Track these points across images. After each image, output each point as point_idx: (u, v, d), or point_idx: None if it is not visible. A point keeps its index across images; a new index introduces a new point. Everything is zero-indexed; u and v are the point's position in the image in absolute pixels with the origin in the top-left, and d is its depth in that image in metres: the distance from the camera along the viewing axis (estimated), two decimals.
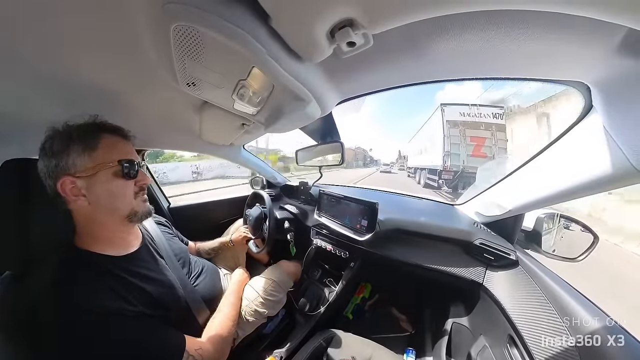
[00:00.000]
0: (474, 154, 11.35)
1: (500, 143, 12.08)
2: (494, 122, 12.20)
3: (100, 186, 0.54)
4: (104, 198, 0.55)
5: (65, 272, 0.50)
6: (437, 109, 12.67)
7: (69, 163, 0.51)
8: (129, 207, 0.59)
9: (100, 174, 0.53)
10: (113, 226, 0.59)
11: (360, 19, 0.32)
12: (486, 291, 0.78)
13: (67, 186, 0.51)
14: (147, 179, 0.63)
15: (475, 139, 11.60)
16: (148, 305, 0.56)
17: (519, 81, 0.55)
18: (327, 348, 0.83)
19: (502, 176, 0.87)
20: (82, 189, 0.52)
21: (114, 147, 0.56)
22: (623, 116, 0.45)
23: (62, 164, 0.51)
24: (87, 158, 0.52)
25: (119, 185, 0.56)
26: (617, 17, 0.27)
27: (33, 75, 0.49)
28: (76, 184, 0.51)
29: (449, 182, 10.73)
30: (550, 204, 0.73)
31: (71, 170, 0.51)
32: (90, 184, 0.53)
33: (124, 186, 0.57)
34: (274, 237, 1.11)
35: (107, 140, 0.56)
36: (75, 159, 0.51)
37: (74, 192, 0.52)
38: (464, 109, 12.28)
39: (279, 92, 0.53)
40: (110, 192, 0.55)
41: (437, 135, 12.29)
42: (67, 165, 0.51)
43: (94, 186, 0.53)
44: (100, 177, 0.53)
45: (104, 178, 0.54)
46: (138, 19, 0.36)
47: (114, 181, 0.55)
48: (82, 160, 0.52)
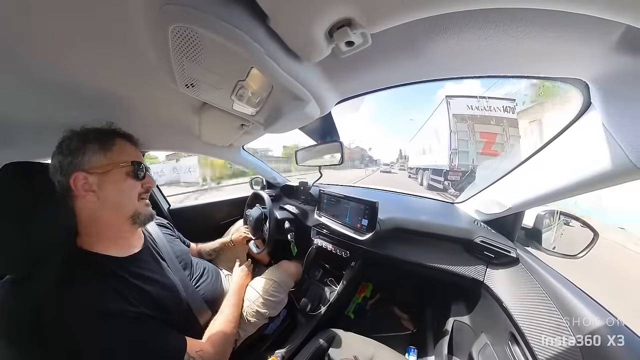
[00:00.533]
0: (485, 151, 10.05)
1: (512, 139, 10.78)
2: (505, 116, 10.87)
3: (111, 183, 0.57)
4: (112, 195, 0.58)
5: (68, 273, 0.51)
6: (442, 102, 10.86)
7: (85, 160, 0.55)
8: (132, 207, 0.61)
9: (113, 172, 0.57)
10: (117, 226, 0.60)
11: (359, 19, 0.32)
12: (487, 289, 0.78)
13: (80, 181, 0.54)
14: (153, 182, 0.67)
15: (486, 134, 10.19)
16: (150, 307, 0.56)
17: (517, 79, 0.55)
18: (328, 348, 0.83)
19: (502, 174, 0.87)
20: (94, 185, 0.55)
21: (127, 150, 0.62)
22: (622, 113, 0.45)
23: (77, 160, 0.54)
24: (102, 156, 0.57)
25: (129, 185, 0.60)
26: (615, 15, 0.27)
27: (31, 77, 0.49)
28: (88, 180, 0.54)
29: (456, 183, 9.56)
30: (550, 201, 0.73)
31: (85, 167, 0.55)
32: (102, 181, 0.56)
33: (133, 186, 0.61)
34: (274, 237, 1.11)
35: (120, 143, 0.61)
36: (90, 157, 0.55)
37: (85, 187, 0.54)
38: (472, 101, 10.97)
39: (278, 93, 0.53)
40: (119, 190, 0.59)
41: (443, 131, 10.62)
42: (82, 162, 0.55)
43: (105, 183, 0.56)
44: (113, 175, 0.57)
45: (116, 176, 0.58)
46: (136, 20, 0.36)
47: (126, 180, 0.59)
48: (97, 158, 0.56)
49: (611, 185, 0.54)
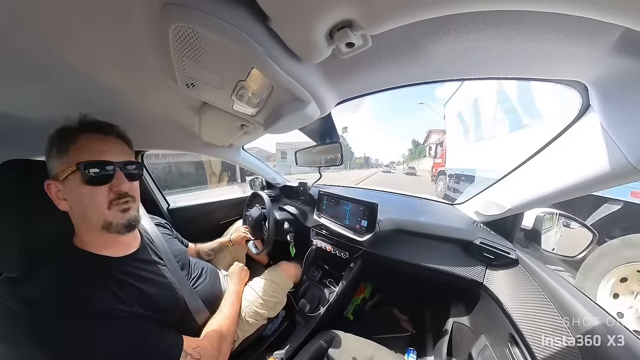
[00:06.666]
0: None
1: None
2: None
3: (71, 192, 0.51)
4: (76, 205, 0.52)
5: (64, 273, 0.51)
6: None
7: (50, 166, 0.52)
8: (101, 217, 0.52)
9: (69, 179, 0.50)
10: (96, 233, 0.55)
11: (359, 20, 0.32)
12: (486, 290, 0.78)
13: (52, 190, 0.52)
14: (125, 184, 0.54)
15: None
16: (146, 307, 0.56)
17: (517, 81, 0.55)
18: (327, 349, 0.83)
19: (501, 176, 0.87)
20: (64, 192, 0.52)
21: (85, 148, 0.50)
22: (620, 115, 0.45)
23: (49, 166, 0.52)
24: (60, 161, 0.50)
25: (86, 192, 0.50)
26: (614, 17, 0.27)
27: (31, 75, 0.49)
28: (59, 188, 0.52)
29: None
30: (550, 203, 0.73)
31: (53, 174, 0.52)
32: (66, 189, 0.51)
33: (91, 193, 0.50)
34: (273, 238, 1.11)
35: (83, 140, 0.51)
36: (54, 163, 0.51)
37: (58, 195, 0.52)
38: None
39: (278, 93, 0.53)
40: (79, 200, 0.51)
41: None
42: (51, 168, 0.52)
43: (68, 192, 0.51)
44: (71, 183, 0.50)
45: (73, 184, 0.50)
46: (137, 19, 0.36)
47: (81, 188, 0.50)
48: (57, 164, 0.51)
49: (610, 187, 0.54)
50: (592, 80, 0.46)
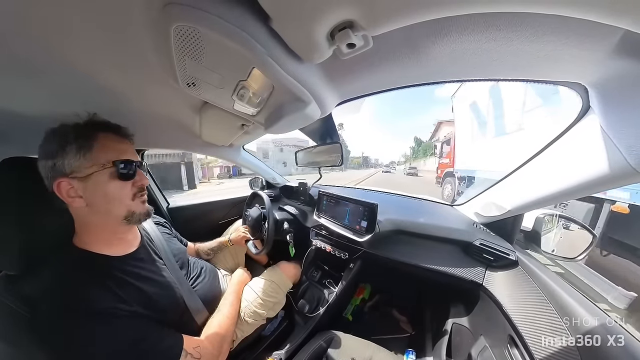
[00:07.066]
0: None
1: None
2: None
3: (95, 188, 0.52)
4: (99, 200, 0.54)
5: (64, 272, 0.51)
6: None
7: (65, 164, 0.50)
8: (125, 208, 0.57)
9: (96, 175, 0.52)
10: (110, 227, 0.58)
11: (360, 21, 0.33)
12: (486, 291, 0.78)
13: (64, 188, 0.51)
14: (145, 179, 0.62)
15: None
16: (145, 306, 0.56)
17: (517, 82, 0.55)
18: (326, 349, 0.82)
19: (501, 177, 0.87)
20: (79, 190, 0.51)
21: (110, 147, 0.55)
22: (620, 117, 0.45)
23: (59, 165, 0.50)
24: (83, 159, 0.51)
25: (115, 187, 0.55)
26: (614, 20, 0.27)
27: (32, 73, 0.49)
28: (73, 186, 0.51)
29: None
30: (549, 204, 0.73)
31: (67, 172, 0.50)
32: (86, 186, 0.52)
33: (120, 188, 0.56)
34: (273, 238, 1.11)
35: (103, 139, 0.54)
36: (70, 160, 0.50)
37: (70, 193, 0.51)
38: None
39: (278, 93, 0.53)
40: (105, 194, 0.54)
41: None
42: (63, 167, 0.50)
43: (90, 188, 0.52)
44: (96, 179, 0.52)
45: (99, 179, 0.52)
46: (138, 19, 0.36)
47: (110, 183, 0.54)
48: (77, 162, 0.51)
49: (610, 188, 0.54)
50: (592, 82, 0.46)
